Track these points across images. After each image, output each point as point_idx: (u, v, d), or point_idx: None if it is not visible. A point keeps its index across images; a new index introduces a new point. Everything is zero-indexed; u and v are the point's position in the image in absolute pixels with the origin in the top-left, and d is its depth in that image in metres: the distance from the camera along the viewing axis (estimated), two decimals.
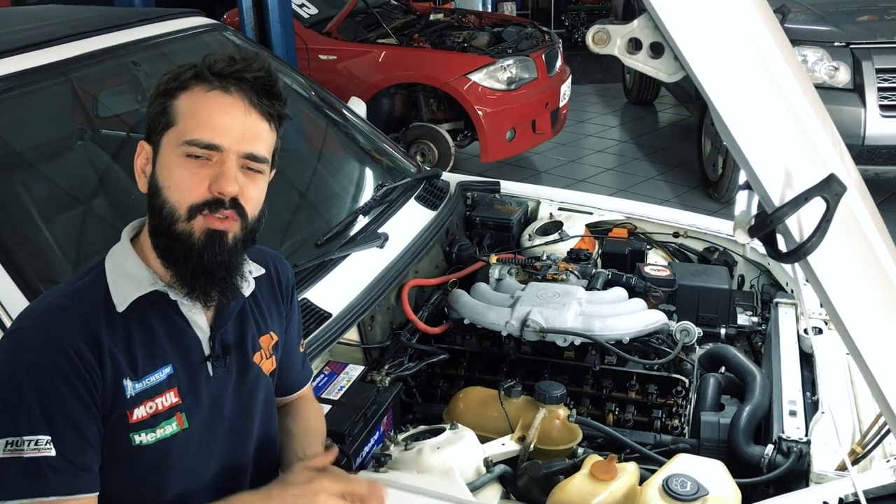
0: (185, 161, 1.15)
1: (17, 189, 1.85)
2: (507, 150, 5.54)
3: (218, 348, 1.27)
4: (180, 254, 1.17)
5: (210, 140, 1.14)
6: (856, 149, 4.43)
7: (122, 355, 1.16)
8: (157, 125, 1.17)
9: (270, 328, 1.38)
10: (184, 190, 1.15)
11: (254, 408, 1.35)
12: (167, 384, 1.21)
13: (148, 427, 1.19)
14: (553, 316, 2.04)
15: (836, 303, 1.09)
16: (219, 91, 1.15)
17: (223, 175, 1.14)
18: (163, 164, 1.17)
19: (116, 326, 1.17)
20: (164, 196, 1.16)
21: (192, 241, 1.16)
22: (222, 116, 1.15)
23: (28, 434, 1.08)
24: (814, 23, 4.98)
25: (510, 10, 10.02)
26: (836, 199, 0.98)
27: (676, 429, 1.93)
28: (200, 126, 1.14)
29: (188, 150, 1.14)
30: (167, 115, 1.16)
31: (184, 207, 1.15)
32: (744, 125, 1.00)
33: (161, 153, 1.17)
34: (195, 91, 1.16)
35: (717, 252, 2.56)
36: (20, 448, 1.08)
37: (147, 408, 1.18)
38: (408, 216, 2.39)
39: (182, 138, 1.14)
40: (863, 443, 1.51)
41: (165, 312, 1.22)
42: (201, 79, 1.16)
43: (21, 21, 2.37)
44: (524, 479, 1.64)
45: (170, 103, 1.16)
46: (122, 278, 1.20)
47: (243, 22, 4.75)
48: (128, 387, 1.16)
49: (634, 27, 1.06)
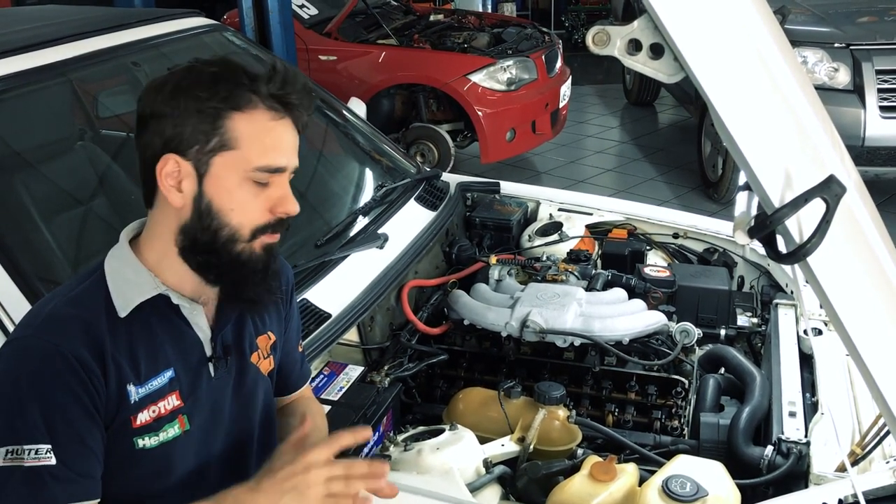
0: (249, 185, 1.15)
1: (18, 189, 1.85)
2: (507, 150, 5.54)
3: (219, 349, 1.27)
4: (240, 271, 1.18)
5: (278, 165, 1.16)
6: (856, 150, 4.43)
7: (125, 360, 1.16)
8: (202, 143, 1.13)
9: (268, 328, 1.38)
10: (248, 213, 1.16)
11: (253, 408, 1.35)
12: (169, 387, 1.21)
13: (151, 431, 1.19)
14: (553, 317, 2.04)
15: (835, 304, 1.09)
16: (277, 115, 1.15)
17: (288, 198, 1.18)
18: (219, 186, 1.15)
19: (119, 331, 1.16)
20: (223, 218, 1.15)
21: (255, 259, 1.18)
22: (284, 141, 1.17)
23: (29, 443, 1.08)
24: (814, 24, 4.98)
25: (510, 11, 10.02)
26: (836, 200, 0.98)
27: (676, 430, 1.93)
28: (268, 152, 1.15)
29: (256, 176, 1.15)
30: (220, 136, 1.13)
31: (247, 229, 1.16)
32: (743, 126, 1.00)
33: (213, 174, 1.14)
34: (254, 114, 1.14)
35: (716, 253, 2.56)
36: (21, 457, 1.08)
37: (150, 412, 1.18)
38: (408, 217, 2.39)
39: (250, 165, 1.14)
40: (862, 444, 1.51)
41: (167, 315, 1.21)
42: (260, 102, 1.14)
43: (21, 21, 2.37)
44: (524, 479, 1.64)
45: (222, 123, 1.13)
46: (124, 283, 1.19)
47: (243, 22, 4.75)
48: (131, 392, 1.16)
49: (634, 28, 1.06)
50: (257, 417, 1.36)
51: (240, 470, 1.32)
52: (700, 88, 1.00)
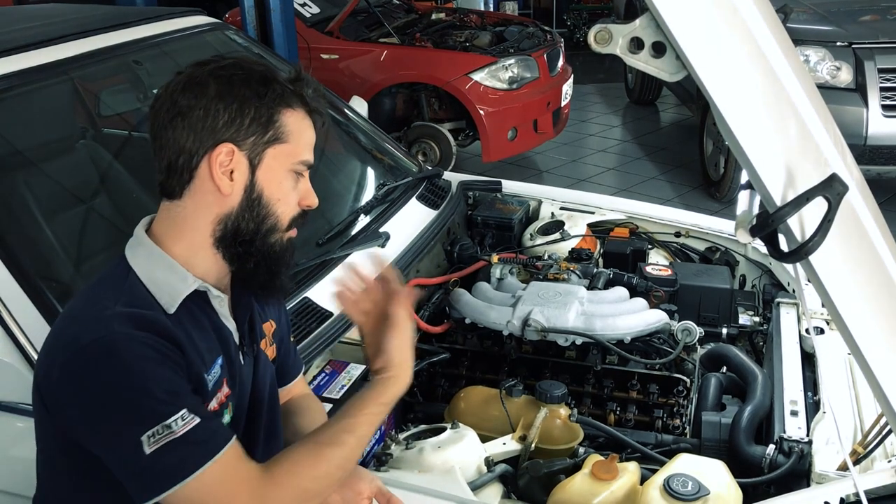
0: (291, 177, 1.25)
1: (20, 188, 1.85)
2: (508, 149, 5.54)
3: (246, 338, 1.33)
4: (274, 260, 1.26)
5: (312, 160, 1.27)
6: (858, 149, 4.43)
7: (193, 351, 1.19)
8: (258, 134, 1.20)
9: (270, 315, 1.43)
10: (290, 204, 1.25)
11: (264, 394, 1.39)
12: (222, 375, 1.25)
13: (218, 417, 1.23)
14: (554, 315, 2.04)
15: (837, 303, 1.09)
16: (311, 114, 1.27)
17: (312, 192, 1.28)
18: (270, 177, 1.22)
19: (177, 326, 1.18)
20: (271, 208, 1.23)
21: (285, 249, 1.27)
22: (314, 139, 1.28)
23: (169, 417, 1.08)
24: (816, 22, 4.97)
25: (512, 10, 10.03)
26: (838, 198, 0.98)
27: (678, 428, 1.93)
28: (307, 148, 1.26)
29: (299, 168, 1.25)
30: (274, 129, 1.21)
31: (286, 219, 1.25)
32: (745, 125, 1.00)
33: (265, 165, 1.22)
34: (298, 113, 1.24)
35: (718, 252, 2.55)
36: (170, 430, 1.08)
37: (217, 399, 1.23)
38: (409, 215, 2.39)
39: (297, 158, 1.24)
40: (864, 443, 1.51)
41: (204, 308, 1.25)
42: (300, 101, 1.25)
43: (23, 20, 2.37)
44: (525, 478, 1.65)
45: (276, 118, 1.21)
46: (163, 281, 1.20)
47: (245, 21, 4.75)
48: (207, 380, 1.21)
49: (636, 26, 1.06)
50: (266, 403, 1.40)
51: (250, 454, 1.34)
52: (702, 87, 1.00)
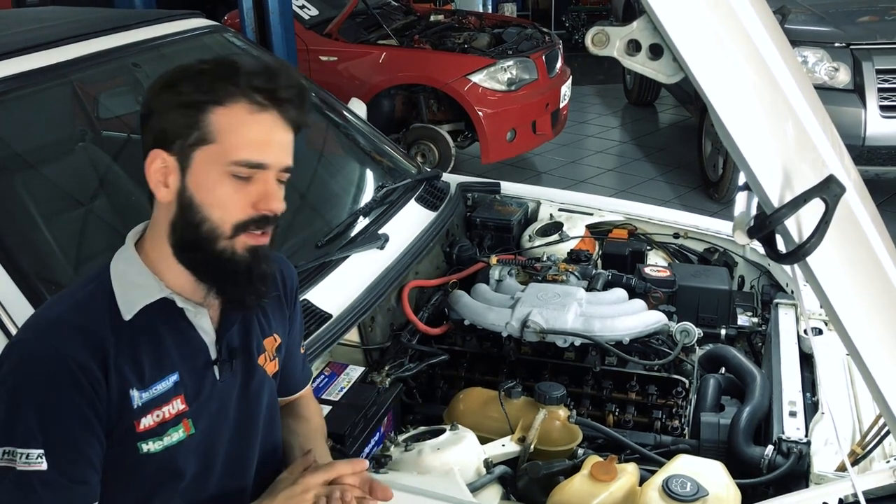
0: (229, 180, 1.14)
1: (19, 190, 1.85)
2: (507, 150, 5.54)
3: (225, 352, 1.27)
4: (227, 269, 1.16)
5: (258, 160, 1.14)
6: (856, 149, 4.43)
7: (127, 366, 1.15)
8: (184, 137, 1.14)
9: (274, 330, 1.38)
10: (229, 208, 1.14)
11: (258, 410, 1.35)
12: (174, 391, 1.20)
13: (155, 435, 1.18)
14: (553, 317, 2.04)
15: (835, 304, 1.09)
16: (259, 109, 1.14)
17: (272, 195, 1.15)
18: (200, 181, 1.14)
19: (122, 336, 1.16)
20: (204, 213, 1.14)
21: (237, 259, 1.16)
22: (267, 136, 1.15)
23: (22, 447, 1.08)
24: (814, 23, 4.98)
25: (510, 12, 10.03)
26: (836, 200, 0.98)
27: (676, 429, 1.93)
28: (247, 146, 1.13)
29: (235, 170, 1.13)
30: (200, 129, 1.13)
31: (228, 225, 1.15)
32: (742, 126, 1.00)
33: (195, 169, 1.14)
34: (234, 108, 1.13)
35: (717, 253, 2.56)
36: (13, 459, 1.08)
37: (154, 416, 1.18)
38: (408, 217, 2.39)
39: (228, 158, 1.13)
40: (863, 443, 1.51)
41: (171, 319, 1.21)
42: (241, 95, 1.13)
43: (22, 23, 2.37)
44: (524, 479, 1.65)
45: (202, 117, 1.13)
46: (129, 286, 1.19)
47: (244, 23, 4.75)
48: (134, 397, 1.16)
49: (634, 29, 1.06)
50: (261, 419, 1.36)
51: (242, 471, 1.33)
52: (699, 89, 1.00)
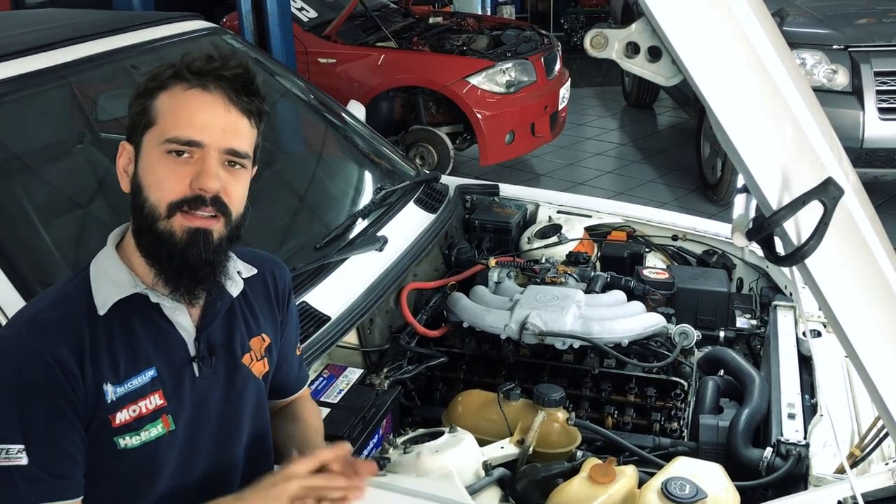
0: (166, 159, 1.16)
1: (17, 192, 1.85)
2: (506, 153, 5.54)
3: (204, 349, 1.27)
4: (164, 252, 1.17)
5: (190, 137, 1.15)
6: (854, 151, 4.43)
7: (103, 360, 1.17)
8: (138, 125, 1.19)
9: (262, 330, 1.38)
10: (165, 188, 1.16)
11: (243, 409, 1.34)
12: (151, 387, 1.21)
13: (132, 430, 1.19)
14: (552, 319, 2.04)
15: (833, 306, 1.09)
16: (198, 89, 1.17)
17: (205, 172, 1.15)
18: (144, 164, 1.18)
19: (98, 331, 1.17)
20: (144, 194, 1.17)
21: (175, 240, 1.16)
22: (202, 113, 1.16)
23: (1, 443, 1.10)
24: (812, 26, 4.98)
25: (509, 14, 10.03)
26: (834, 202, 0.98)
27: (675, 432, 1.93)
28: (180, 124, 1.16)
29: (169, 147, 1.15)
30: (147, 114, 1.18)
31: (163, 205, 1.16)
32: (741, 129, 1.00)
33: (143, 153, 1.18)
34: (174, 90, 1.17)
35: (715, 255, 2.56)
36: None
37: (130, 411, 1.19)
38: (407, 219, 2.39)
39: (163, 136, 1.16)
40: (861, 446, 1.51)
41: (147, 315, 1.22)
42: (180, 78, 1.17)
43: (20, 25, 2.37)
44: (523, 482, 1.64)
45: (150, 103, 1.18)
46: (104, 282, 1.20)
47: (243, 25, 4.76)
48: (108, 391, 1.17)
49: (632, 31, 1.07)
50: (247, 419, 1.35)
51: (227, 470, 1.33)
52: (698, 91, 1.00)
